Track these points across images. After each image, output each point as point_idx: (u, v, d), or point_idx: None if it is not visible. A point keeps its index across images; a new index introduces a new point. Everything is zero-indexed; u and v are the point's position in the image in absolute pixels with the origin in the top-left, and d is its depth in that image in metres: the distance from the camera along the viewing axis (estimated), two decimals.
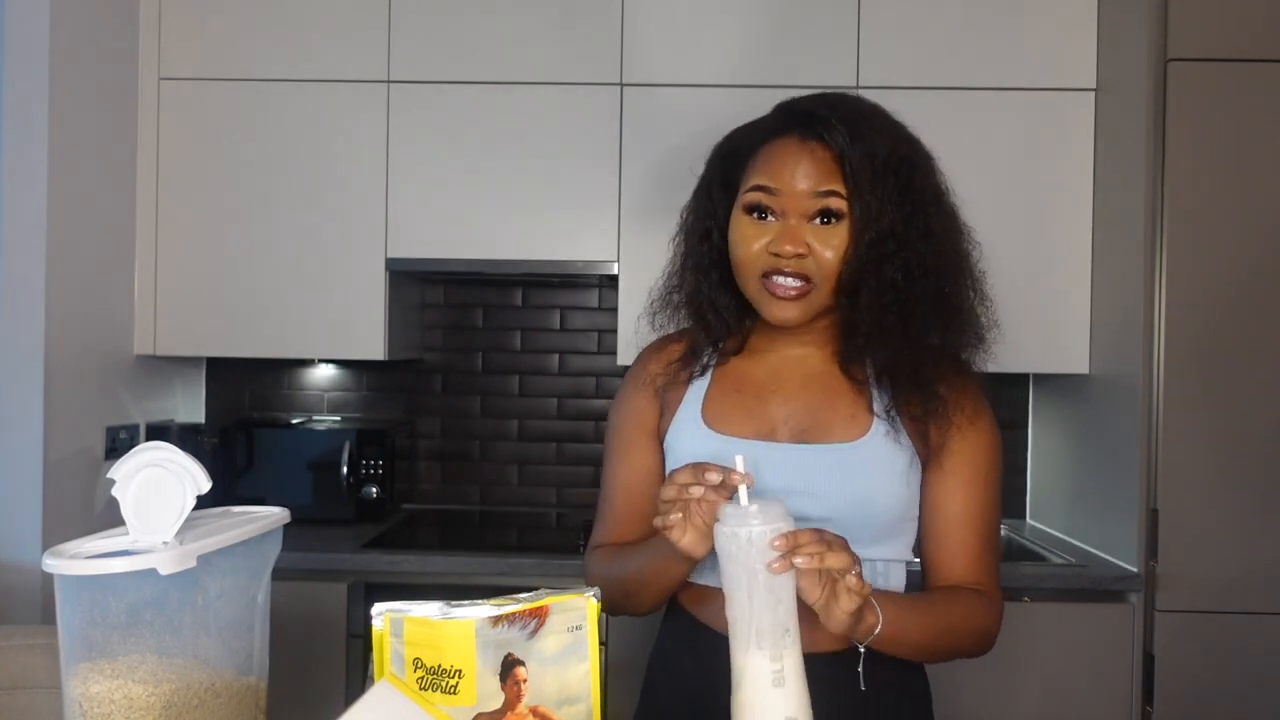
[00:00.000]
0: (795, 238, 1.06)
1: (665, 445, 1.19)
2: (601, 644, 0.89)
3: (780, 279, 1.06)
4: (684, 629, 1.17)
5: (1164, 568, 1.93)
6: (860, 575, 0.91)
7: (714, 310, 1.16)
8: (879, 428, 1.11)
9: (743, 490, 0.88)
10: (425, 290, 2.65)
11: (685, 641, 1.16)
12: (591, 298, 2.65)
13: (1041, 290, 2.22)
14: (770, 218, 1.08)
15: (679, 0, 2.25)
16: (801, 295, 1.07)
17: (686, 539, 0.95)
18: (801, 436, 1.12)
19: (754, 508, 0.86)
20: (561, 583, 1.55)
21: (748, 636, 0.85)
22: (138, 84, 2.27)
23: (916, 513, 1.14)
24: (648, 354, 1.25)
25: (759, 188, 1.08)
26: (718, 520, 0.88)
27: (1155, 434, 1.94)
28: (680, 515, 0.94)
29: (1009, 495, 2.56)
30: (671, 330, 1.22)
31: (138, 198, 2.28)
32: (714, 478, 0.90)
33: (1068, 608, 1.99)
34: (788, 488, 1.08)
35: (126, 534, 0.86)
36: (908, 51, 2.23)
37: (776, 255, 1.06)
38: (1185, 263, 1.93)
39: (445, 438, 2.66)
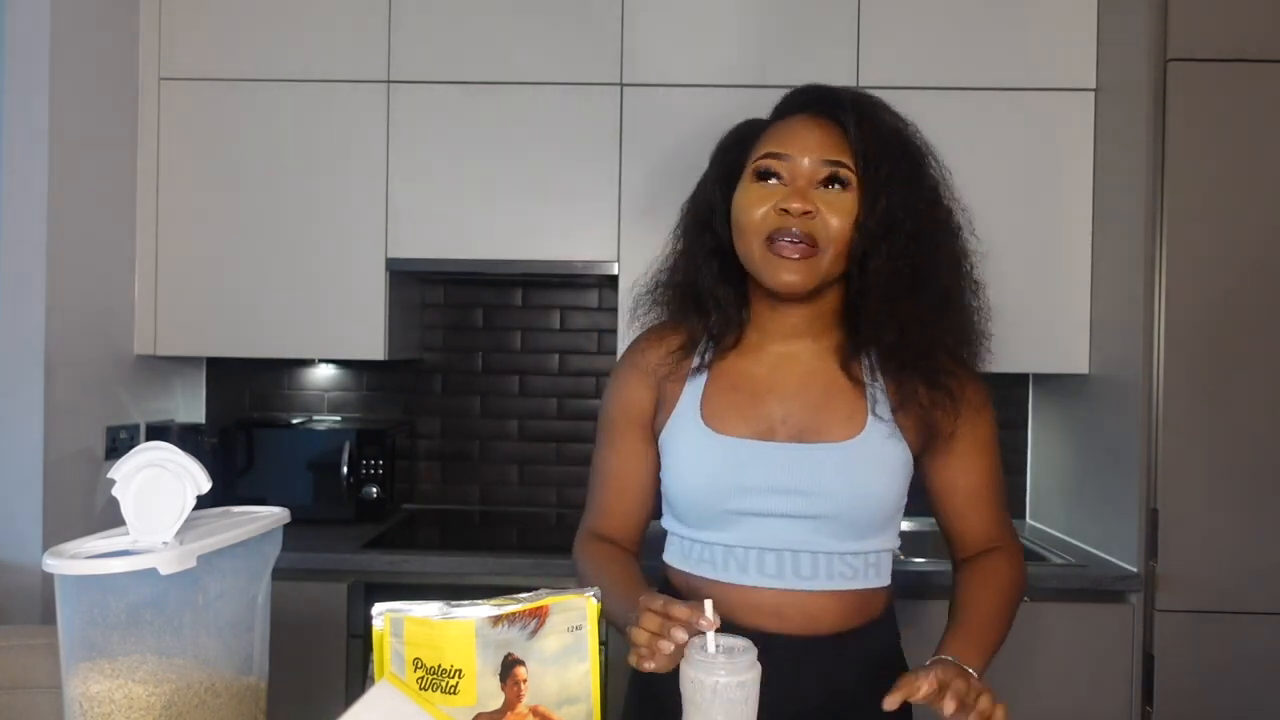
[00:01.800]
0: (804, 196, 1.07)
1: (661, 442, 1.19)
2: (601, 644, 0.89)
3: (785, 239, 1.07)
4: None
5: (1164, 568, 1.93)
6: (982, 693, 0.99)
7: (713, 300, 1.16)
8: (875, 425, 1.12)
9: (710, 637, 0.87)
10: (425, 290, 2.65)
11: None
12: (591, 298, 2.65)
13: (1041, 290, 2.23)
14: (778, 181, 1.10)
15: (679, 0, 2.25)
16: (806, 257, 1.07)
17: (656, 665, 0.92)
18: (800, 436, 1.12)
19: (721, 658, 0.85)
20: (561, 583, 1.55)
21: None
22: (138, 84, 2.27)
23: (904, 503, 1.17)
24: (645, 343, 1.23)
25: (768, 155, 1.10)
26: (684, 660, 0.87)
27: (1155, 434, 1.94)
28: (651, 664, 0.91)
29: (1010, 495, 2.55)
30: (652, 321, 1.23)
31: (138, 198, 2.28)
32: (680, 636, 0.88)
33: (1068, 608, 1.99)
34: (784, 486, 1.10)
35: (126, 534, 0.86)
36: (908, 51, 2.23)
37: (784, 212, 1.07)
38: (1185, 263, 1.93)
39: (445, 438, 2.66)
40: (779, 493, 1.11)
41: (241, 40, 2.27)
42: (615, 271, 2.24)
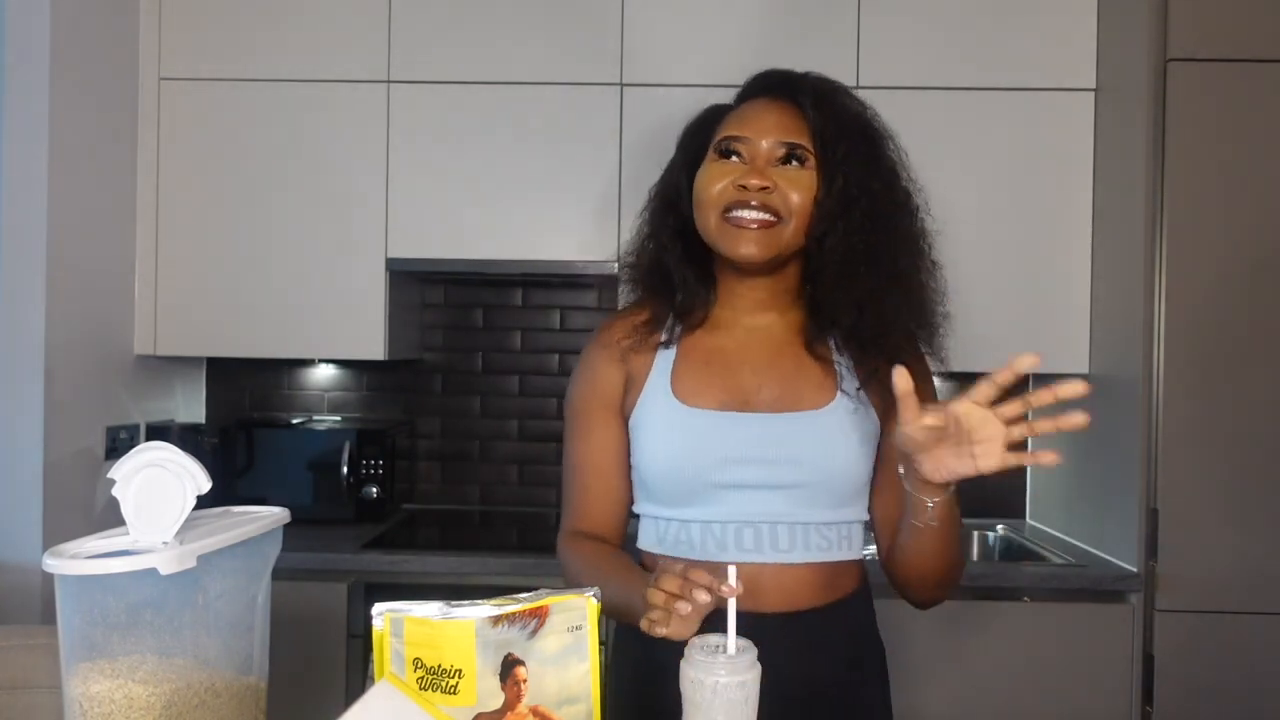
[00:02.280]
0: (762, 173, 1.09)
1: (632, 423, 1.18)
2: (601, 644, 0.89)
3: (743, 211, 1.09)
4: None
5: (1164, 568, 1.93)
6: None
7: (679, 278, 1.18)
8: (843, 398, 1.14)
9: (731, 604, 0.86)
10: (425, 290, 2.65)
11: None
12: (591, 298, 2.65)
13: (1041, 290, 2.23)
14: (738, 160, 1.12)
15: (679, 0, 2.25)
16: (765, 227, 1.09)
17: (671, 629, 0.91)
18: (776, 405, 1.14)
19: (722, 657, 0.84)
20: (561, 583, 1.55)
21: None
22: (138, 84, 2.27)
23: (871, 474, 1.17)
24: (608, 325, 1.24)
25: (729, 137, 1.13)
26: (684, 660, 0.86)
27: (1155, 434, 1.94)
28: (665, 628, 0.90)
29: (1010, 495, 2.56)
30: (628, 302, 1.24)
31: (138, 198, 2.28)
32: (702, 597, 0.87)
33: (1068, 608, 1.99)
34: (764, 456, 1.11)
35: (126, 534, 0.86)
36: (908, 51, 2.23)
37: (742, 188, 1.09)
38: (1185, 263, 1.93)
39: (445, 438, 2.66)
40: (759, 462, 1.11)
41: (241, 40, 2.27)
42: (615, 271, 2.24)
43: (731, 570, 0.88)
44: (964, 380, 1.10)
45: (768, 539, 1.12)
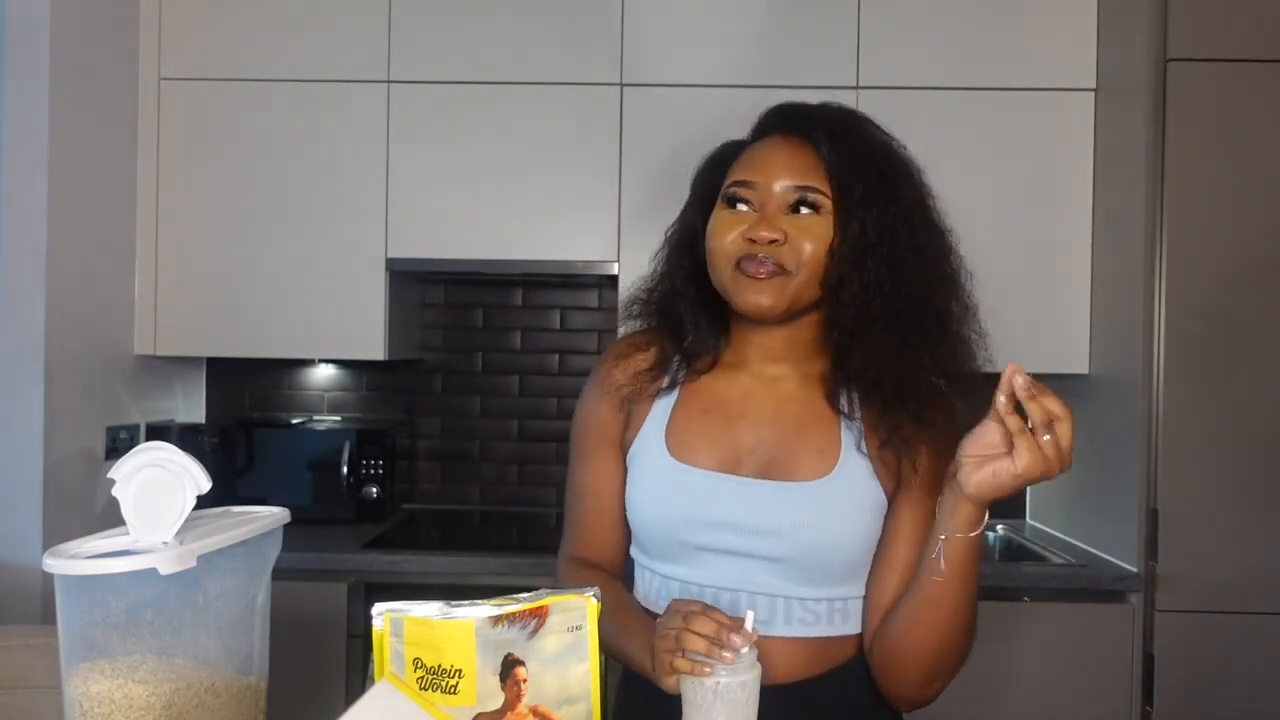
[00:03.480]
0: (771, 225, 1.02)
1: (627, 461, 1.15)
2: (601, 644, 0.89)
3: (753, 263, 1.02)
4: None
5: (1164, 568, 1.93)
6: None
7: (691, 322, 1.12)
8: (849, 461, 1.05)
9: (745, 651, 0.86)
10: (425, 290, 2.65)
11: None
12: (591, 298, 2.65)
13: (1041, 290, 2.23)
14: (748, 208, 1.05)
15: (679, 0, 2.25)
16: (775, 276, 1.02)
17: (672, 681, 0.90)
18: (767, 470, 1.06)
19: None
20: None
21: None
22: (138, 84, 2.27)
23: (875, 549, 1.07)
24: (612, 359, 1.19)
25: (737, 183, 1.06)
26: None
27: (1155, 434, 1.94)
28: (676, 678, 0.89)
29: (1010, 495, 2.56)
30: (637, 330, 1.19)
31: (138, 198, 2.28)
32: (738, 641, 0.86)
33: (1068, 608, 1.99)
34: (745, 525, 1.04)
35: (126, 534, 0.86)
36: (908, 51, 2.23)
37: (751, 241, 1.02)
38: (1185, 263, 1.93)
39: (445, 438, 2.66)
40: (737, 530, 1.05)
41: (241, 40, 2.27)
42: (615, 271, 2.24)
43: (749, 617, 0.88)
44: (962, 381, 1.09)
45: (744, 609, 1.03)
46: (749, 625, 0.87)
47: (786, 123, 1.09)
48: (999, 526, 2.46)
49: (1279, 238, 1.93)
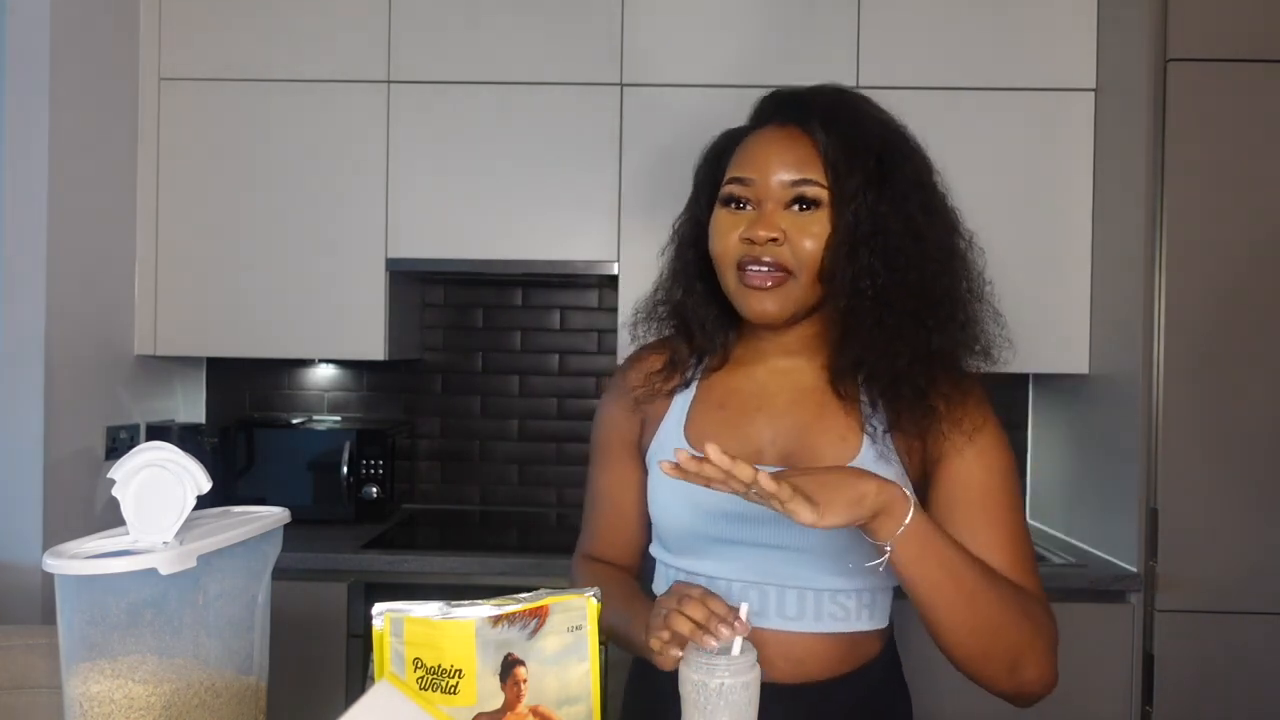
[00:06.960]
0: (769, 223, 1.01)
1: (647, 458, 1.16)
2: (601, 644, 0.89)
3: (754, 268, 1.02)
4: None
5: (1164, 568, 1.93)
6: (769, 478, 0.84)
7: (698, 323, 1.12)
8: (869, 449, 1.04)
9: (737, 641, 0.86)
10: (425, 290, 2.65)
11: None
12: (591, 298, 2.65)
13: (1041, 290, 2.22)
14: (746, 207, 1.05)
15: (679, 0, 2.25)
16: (778, 285, 1.02)
17: (669, 658, 0.90)
18: (787, 460, 1.06)
19: (723, 659, 0.84)
20: (561, 583, 1.55)
21: None
22: (138, 84, 2.27)
23: None
24: (628, 364, 1.21)
25: (734, 180, 1.06)
26: (684, 663, 0.86)
27: (1155, 434, 1.94)
28: (678, 652, 0.89)
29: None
30: (652, 339, 1.19)
31: (138, 198, 2.28)
32: (726, 632, 0.85)
33: (1067, 608, 1.99)
34: (766, 515, 1.02)
35: (126, 534, 0.86)
36: (908, 51, 2.23)
37: (750, 242, 1.02)
38: (1185, 263, 1.93)
39: (445, 438, 2.66)
40: (760, 521, 1.04)
41: (241, 40, 2.27)
42: (615, 271, 2.24)
43: (744, 608, 0.88)
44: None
45: (774, 603, 1.05)
46: (744, 616, 0.87)
47: (782, 111, 1.08)
48: None
49: (1278, 238, 1.93)
